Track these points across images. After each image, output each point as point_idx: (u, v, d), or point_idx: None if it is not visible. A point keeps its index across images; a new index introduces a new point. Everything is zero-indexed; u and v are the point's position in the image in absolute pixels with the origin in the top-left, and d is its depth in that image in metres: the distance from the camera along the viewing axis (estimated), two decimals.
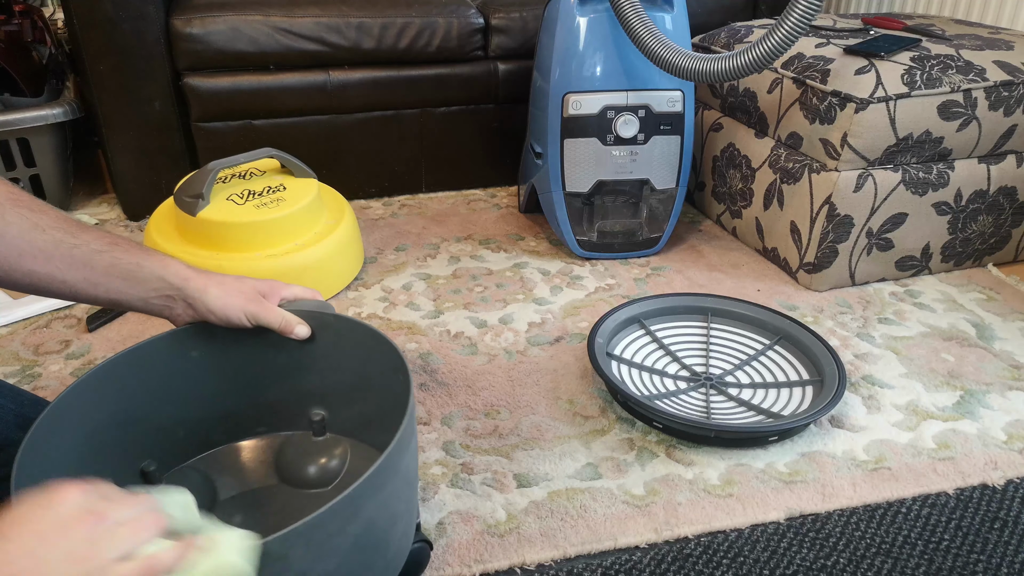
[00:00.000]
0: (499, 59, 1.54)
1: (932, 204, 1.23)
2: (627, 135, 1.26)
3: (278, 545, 0.51)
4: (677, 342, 1.09)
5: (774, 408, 0.95)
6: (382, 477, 0.58)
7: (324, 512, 0.52)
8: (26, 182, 1.46)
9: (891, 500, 0.83)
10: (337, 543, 0.56)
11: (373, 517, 0.59)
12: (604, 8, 1.21)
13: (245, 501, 0.76)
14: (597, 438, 0.92)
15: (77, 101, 1.47)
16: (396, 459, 0.59)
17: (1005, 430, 0.94)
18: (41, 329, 1.14)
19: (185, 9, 1.38)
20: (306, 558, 0.54)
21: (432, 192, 1.65)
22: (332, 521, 0.54)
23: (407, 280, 1.29)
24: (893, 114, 1.13)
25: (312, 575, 0.55)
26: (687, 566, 0.75)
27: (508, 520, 0.80)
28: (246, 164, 1.28)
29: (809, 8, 0.98)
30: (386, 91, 1.50)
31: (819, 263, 1.23)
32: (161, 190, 1.43)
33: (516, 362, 1.07)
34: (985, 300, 1.23)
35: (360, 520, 0.57)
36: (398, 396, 0.70)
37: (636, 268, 1.34)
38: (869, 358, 1.08)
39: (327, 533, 0.54)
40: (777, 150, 1.29)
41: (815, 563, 0.75)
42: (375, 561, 0.62)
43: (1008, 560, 0.76)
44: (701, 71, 1.10)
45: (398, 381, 0.71)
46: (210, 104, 1.42)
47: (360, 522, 0.57)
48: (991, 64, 1.17)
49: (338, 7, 1.44)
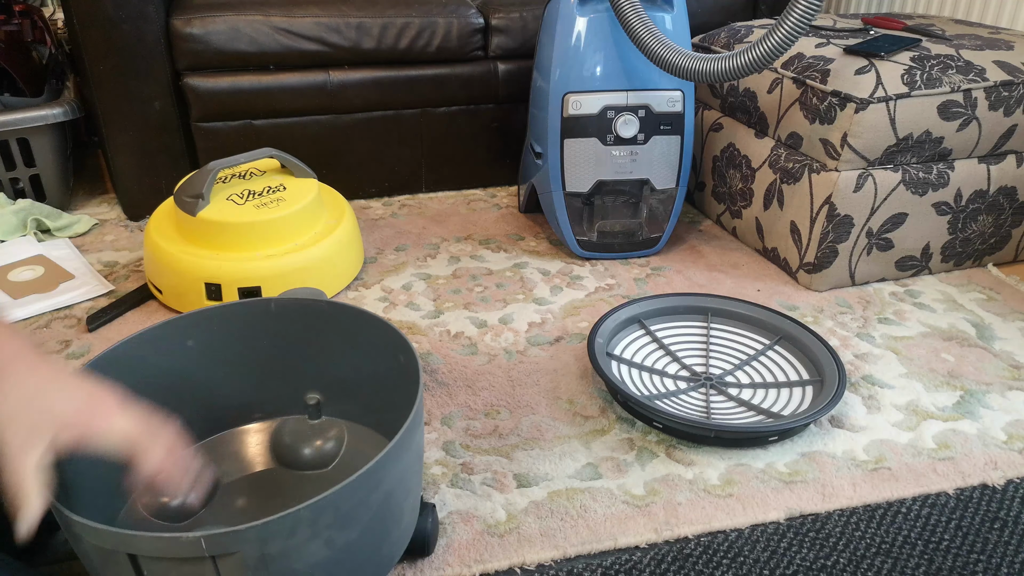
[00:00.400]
0: (499, 59, 1.54)
1: (932, 204, 1.23)
2: (627, 135, 1.26)
3: (310, 512, 0.54)
4: (677, 342, 1.09)
5: (774, 408, 0.95)
6: (400, 450, 0.61)
7: (352, 482, 0.56)
8: (26, 182, 1.46)
9: (891, 500, 0.83)
10: (360, 513, 0.59)
11: (391, 489, 0.62)
12: (604, 8, 1.21)
13: (246, 485, 0.78)
14: (597, 438, 0.92)
15: (77, 101, 1.47)
16: (412, 434, 0.63)
17: (1005, 430, 0.94)
18: (41, 329, 1.14)
19: (185, 9, 1.38)
20: (333, 526, 0.57)
21: (432, 192, 1.65)
22: (357, 492, 0.57)
23: (407, 280, 1.29)
24: (893, 114, 1.13)
25: (337, 542, 0.58)
26: (687, 566, 0.75)
27: (508, 520, 0.80)
28: (246, 164, 1.28)
29: (809, 8, 0.98)
30: (386, 91, 1.50)
31: (819, 263, 1.23)
32: (161, 190, 1.43)
33: (516, 362, 1.07)
34: (985, 300, 1.23)
35: (380, 491, 0.60)
36: (393, 377, 0.73)
37: (636, 268, 1.34)
38: (869, 358, 1.08)
39: (352, 503, 0.58)
40: (777, 150, 1.29)
41: (815, 563, 0.75)
42: (391, 530, 0.65)
43: (1008, 560, 0.76)
44: (701, 71, 1.10)
45: (393, 362, 0.73)
46: (210, 104, 1.42)
47: (380, 493, 0.60)
48: (991, 64, 1.17)
49: (338, 7, 1.44)
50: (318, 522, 0.56)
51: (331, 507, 0.56)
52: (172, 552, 0.53)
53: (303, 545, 0.56)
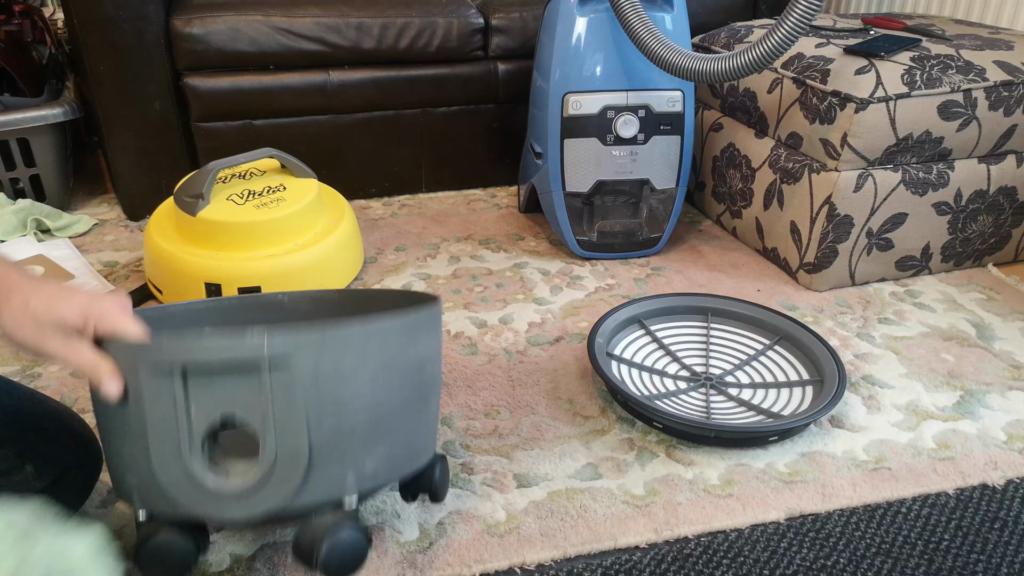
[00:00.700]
0: (499, 59, 1.54)
1: (932, 204, 1.23)
2: (627, 135, 1.26)
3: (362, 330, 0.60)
4: (677, 342, 1.09)
5: (774, 408, 0.95)
6: (433, 319, 0.67)
7: (395, 320, 0.62)
8: (26, 182, 1.46)
9: (891, 500, 0.83)
10: (400, 361, 0.64)
11: (424, 357, 0.67)
12: (604, 8, 1.21)
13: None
14: (597, 438, 0.92)
15: (77, 101, 1.47)
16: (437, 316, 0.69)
17: (1005, 430, 0.94)
18: None
19: (185, 9, 1.38)
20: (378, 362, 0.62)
21: (432, 192, 1.65)
22: (399, 334, 0.63)
23: (407, 280, 1.29)
24: (893, 114, 1.13)
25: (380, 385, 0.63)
26: (687, 566, 0.75)
27: (508, 520, 0.80)
28: (246, 164, 1.28)
29: (809, 8, 0.98)
30: (386, 91, 1.50)
31: (819, 263, 1.23)
32: (161, 190, 1.43)
33: (516, 362, 1.07)
34: (985, 300, 1.23)
35: (416, 352, 0.66)
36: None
37: (636, 268, 1.34)
38: (869, 358, 1.08)
39: (395, 345, 0.63)
40: (777, 150, 1.29)
41: (815, 563, 0.75)
42: (421, 413, 0.69)
43: (1008, 560, 0.76)
44: (701, 71, 1.10)
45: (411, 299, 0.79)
46: (210, 104, 1.42)
47: (415, 354, 0.66)
48: (991, 64, 1.17)
49: (338, 7, 1.44)
50: (366, 349, 0.61)
51: (378, 335, 0.61)
52: (232, 353, 0.57)
53: (352, 373, 0.60)
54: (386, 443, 0.64)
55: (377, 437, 0.63)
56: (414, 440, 0.69)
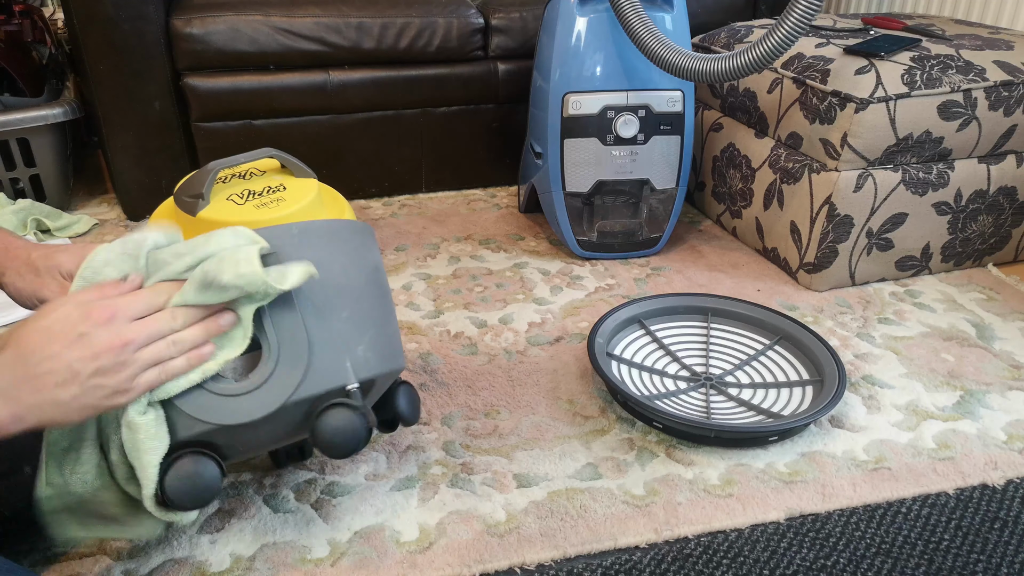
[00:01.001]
0: (499, 59, 1.54)
1: (932, 204, 1.23)
2: (627, 135, 1.26)
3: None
4: (677, 342, 1.09)
5: (774, 408, 0.95)
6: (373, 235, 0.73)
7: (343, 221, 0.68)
8: (26, 182, 1.46)
9: (891, 500, 0.83)
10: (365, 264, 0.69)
11: (378, 264, 0.72)
12: (604, 8, 1.21)
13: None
14: (597, 438, 0.92)
15: (77, 101, 1.47)
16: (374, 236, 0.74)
17: (1005, 430, 0.94)
18: None
19: (185, 9, 1.38)
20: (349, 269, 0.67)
21: (432, 192, 1.65)
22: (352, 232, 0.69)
23: (407, 280, 1.29)
24: (893, 114, 1.13)
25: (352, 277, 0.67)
26: (687, 566, 0.75)
27: (508, 520, 0.80)
28: (246, 164, 1.28)
29: (809, 8, 0.98)
30: (386, 91, 1.50)
31: (819, 263, 1.23)
32: (161, 190, 1.43)
33: (516, 362, 1.07)
34: (985, 300, 1.23)
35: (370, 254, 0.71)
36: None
37: (636, 268, 1.34)
38: (869, 358, 1.08)
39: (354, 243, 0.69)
40: (777, 150, 1.29)
41: (815, 563, 0.75)
42: (393, 316, 0.73)
43: (1008, 560, 0.76)
44: (701, 71, 1.10)
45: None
46: (210, 104, 1.42)
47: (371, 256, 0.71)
48: (991, 64, 1.17)
49: (338, 7, 1.44)
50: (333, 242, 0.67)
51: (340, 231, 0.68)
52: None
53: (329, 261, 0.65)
54: (370, 330, 0.68)
55: (362, 323, 0.67)
56: (392, 336, 0.72)
